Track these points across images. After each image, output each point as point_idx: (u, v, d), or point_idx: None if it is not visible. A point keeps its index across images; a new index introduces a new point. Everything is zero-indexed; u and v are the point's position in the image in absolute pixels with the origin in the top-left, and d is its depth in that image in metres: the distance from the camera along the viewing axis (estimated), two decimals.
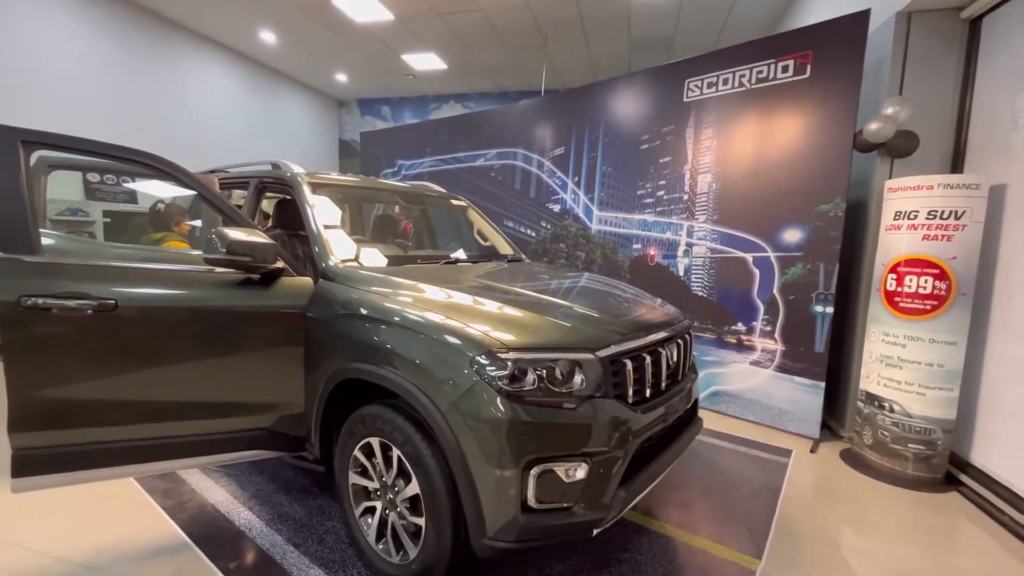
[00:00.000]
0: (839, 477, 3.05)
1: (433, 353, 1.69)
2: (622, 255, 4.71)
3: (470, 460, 1.56)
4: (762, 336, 3.81)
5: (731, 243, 3.95)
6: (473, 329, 1.67)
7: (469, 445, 1.56)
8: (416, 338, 1.75)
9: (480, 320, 1.74)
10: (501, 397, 1.55)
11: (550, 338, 1.70)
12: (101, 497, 2.43)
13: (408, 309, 1.84)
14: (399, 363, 1.76)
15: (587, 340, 1.73)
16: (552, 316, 1.85)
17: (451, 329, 1.69)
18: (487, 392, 1.56)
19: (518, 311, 1.85)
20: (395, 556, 1.85)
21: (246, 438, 2.12)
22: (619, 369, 1.76)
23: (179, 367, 1.96)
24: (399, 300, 1.92)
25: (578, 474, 1.62)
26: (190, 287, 1.98)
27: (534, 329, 1.74)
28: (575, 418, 1.61)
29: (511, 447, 1.53)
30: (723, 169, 3.99)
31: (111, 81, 6.52)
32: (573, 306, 2.02)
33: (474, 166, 6.11)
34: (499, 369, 1.56)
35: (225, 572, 1.95)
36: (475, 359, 1.59)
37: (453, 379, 1.61)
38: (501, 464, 1.53)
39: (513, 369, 1.57)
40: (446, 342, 1.68)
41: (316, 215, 2.42)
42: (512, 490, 1.54)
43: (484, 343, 1.61)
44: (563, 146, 5.18)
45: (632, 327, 1.94)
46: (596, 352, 1.70)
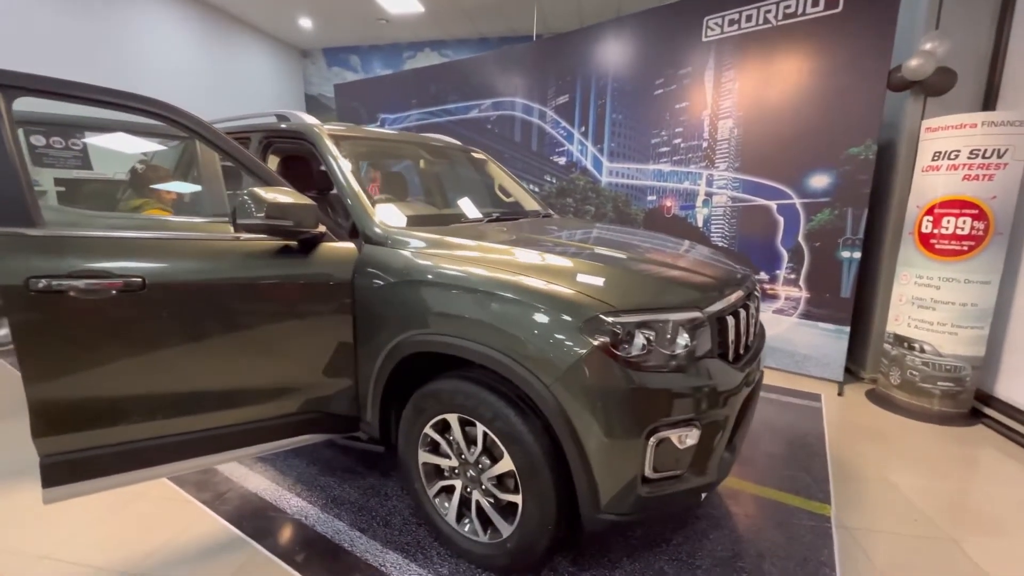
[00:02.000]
0: (870, 417, 3.13)
1: (529, 320, 1.52)
2: (635, 208, 4.56)
3: (582, 433, 1.44)
4: (786, 284, 3.80)
5: (754, 191, 3.86)
6: (572, 291, 1.50)
7: (582, 418, 1.43)
8: (505, 304, 1.57)
9: (575, 281, 1.57)
10: (617, 364, 1.41)
11: (657, 297, 1.55)
12: (127, 497, 2.20)
13: (490, 272, 1.65)
14: (485, 333, 1.58)
15: (694, 298, 1.60)
16: (646, 273, 1.70)
17: (547, 292, 1.52)
18: (599, 359, 1.41)
19: (607, 269, 1.68)
20: (483, 535, 1.74)
21: (296, 422, 1.93)
22: (723, 327, 1.64)
23: (219, 350, 1.72)
24: (472, 263, 1.72)
25: (689, 440, 1.52)
26: (225, 259, 1.71)
27: (637, 287, 1.59)
28: (688, 381, 1.50)
29: (632, 417, 1.41)
30: (746, 114, 3.83)
31: (43, 32, 5.67)
32: (660, 263, 1.87)
33: (467, 118, 5.73)
34: (610, 334, 1.41)
35: (294, 566, 1.80)
36: (583, 324, 1.43)
37: (558, 347, 1.45)
38: (622, 435, 1.41)
39: (623, 333, 1.42)
40: (544, 307, 1.50)
41: (347, 172, 2.14)
42: (633, 462, 1.43)
43: (590, 306, 1.45)
44: (567, 94, 4.88)
45: (726, 283, 1.81)
46: (704, 310, 1.57)
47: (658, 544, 1.92)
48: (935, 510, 2.17)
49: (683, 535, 1.97)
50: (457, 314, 1.65)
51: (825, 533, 2.00)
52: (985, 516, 2.17)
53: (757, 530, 2.01)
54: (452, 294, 1.68)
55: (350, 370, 1.96)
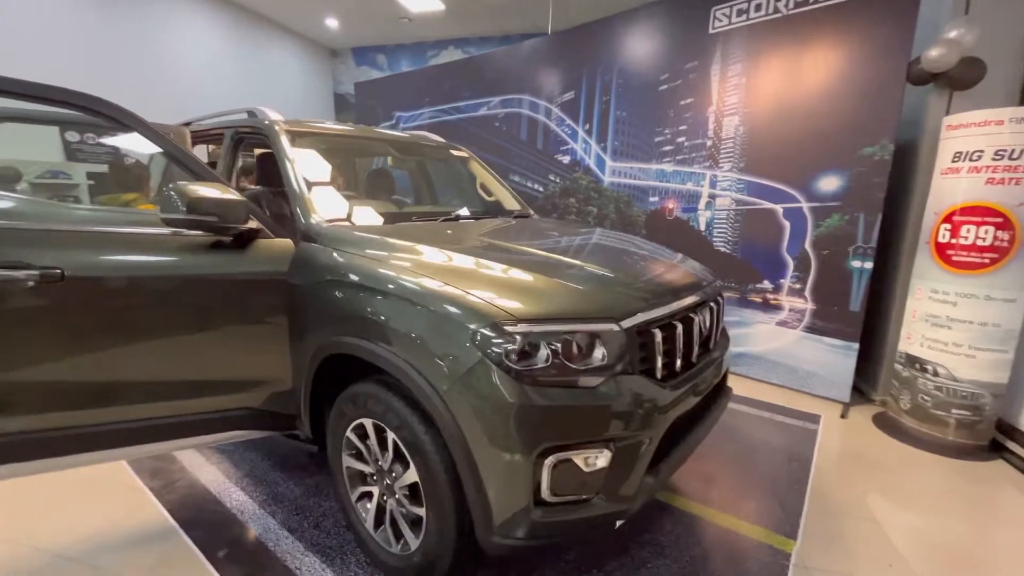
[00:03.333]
0: (873, 444, 2.84)
1: (428, 325, 1.44)
2: (637, 209, 4.37)
3: (474, 449, 1.34)
4: (790, 294, 3.53)
5: (759, 193, 3.60)
6: (475, 296, 1.41)
7: (473, 432, 1.34)
8: (409, 308, 1.50)
9: (483, 285, 1.47)
10: (509, 377, 1.30)
11: (565, 306, 1.43)
12: (84, 479, 2.28)
13: (400, 274, 1.58)
14: (391, 337, 1.52)
15: (609, 307, 1.47)
16: (566, 279, 1.58)
17: (448, 297, 1.44)
18: (492, 371, 1.31)
19: (527, 274, 1.58)
20: (395, 546, 1.68)
21: (230, 418, 1.92)
22: (647, 340, 1.50)
23: (143, 344, 1.72)
24: (390, 264, 1.66)
25: (599, 462, 1.40)
26: (152, 252, 1.72)
27: (547, 295, 1.48)
28: (596, 399, 1.37)
29: (522, 435, 1.30)
30: (753, 110, 3.58)
31: (78, 34, 6.04)
32: (589, 267, 1.74)
33: (476, 116, 5.68)
34: (506, 344, 1.31)
35: (213, 561, 1.80)
36: (478, 332, 1.34)
37: (452, 356, 1.37)
38: (510, 455, 1.31)
39: (523, 343, 1.32)
40: (443, 312, 1.42)
41: (296, 168, 2.13)
42: (523, 483, 1.32)
43: (488, 313, 1.36)
44: (573, 90, 4.73)
45: (661, 291, 1.66)
46: (620, 321, 1.44)
47: (590, 570, 1.79)
48: (919, 556, 1.93)
49: (620, 561, 1.83)
50: (364, 316, 1.59)
51: (779, 572, 1.81)
52: (983, 568, 1.90)
53: (703, 561, 1.85)
54: (362, 295, 1.63)
55: (286, 368, 1.94)
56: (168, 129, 2.62)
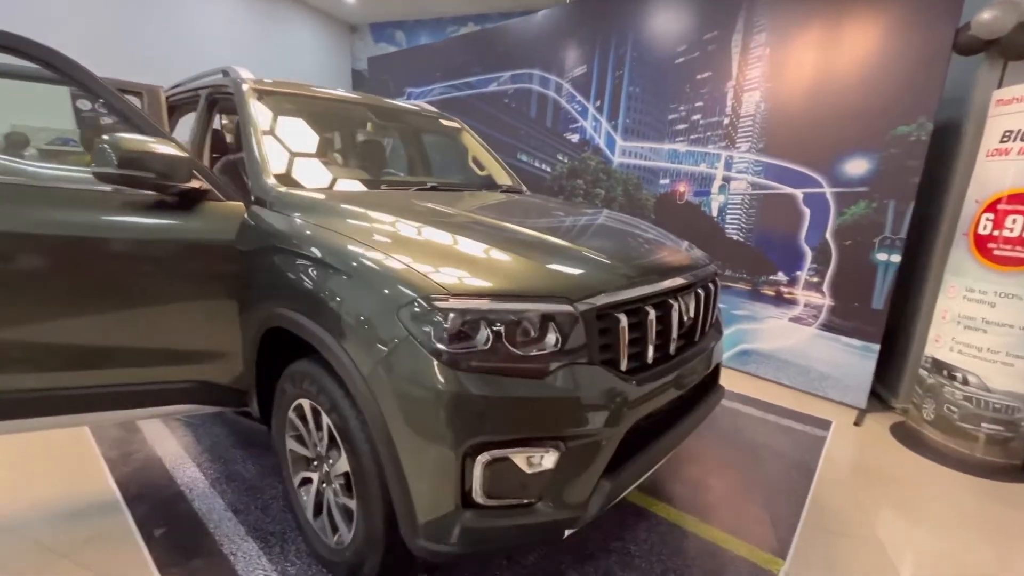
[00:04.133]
0: (888, 456, 2.57)
1: (355, 297, 1.28)
2: (647, 192, 4.10)
3: (396, 440, 1.18)
4: (807, 288, 3.23)
5: (778, 176, 3.30)
6: (408, 267, 1.23)
7: (395, 421, 1.18)
8: (337, 277, 1.34)
9: (426, 257, 1.30)
10: (437, 360, 1.13)
11: (513, 282, 1.24)
12: (43, 446, 2.22)
13: (337, 241, 1.42)
14: (319, 309, 1.36)
15: (564, 285, 1.27)
16: (521, 252, 1.38)
17: (380, 266, 1.27)
18: (419, 352, 1.14)
19: (480, 246, 1.39)
20: (331, 537, 1.54)
21: (177, 390, 1.81)
22: (610, 326, 1.30)
23: (80, 306, 1.62)
24: (332, 230, 1.49)
25: (545, 463, 1.22)
26: (89, 209, 1.60)
27: (494, 269, 1.29)
28: (542, 391, 1.19)
29: (448, 428, 1.13)
30: (776, 85, 3.26)
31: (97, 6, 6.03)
32: (554, 240, 1.54)
33: (486, 92, 5.45)
34: (437, 322, 1.13)
35: (147, 539, 1.70)
36: (404, 307, 1.17)
37: (378, 333, 1.20)
38: (434, 448, 1.14)
39: (457, 322, 1.14)
40: (371, 283, 1.26)
41: (256, 127, 1.98)
42: (449, 482, 1.15)
43: (418, 286, 1.18)
44: (585, 64, 4.46)
45: (632, 270, 1.45)
46: (576, 302, 1.24)
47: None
48: None
49: (583, 570, 1.66)
50: (297, 286, 1.44)
51: None
52: None
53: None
54: (297, 263, 1.48)
55: (235, 341, 1.81)
56: (141, 87, 2.51)
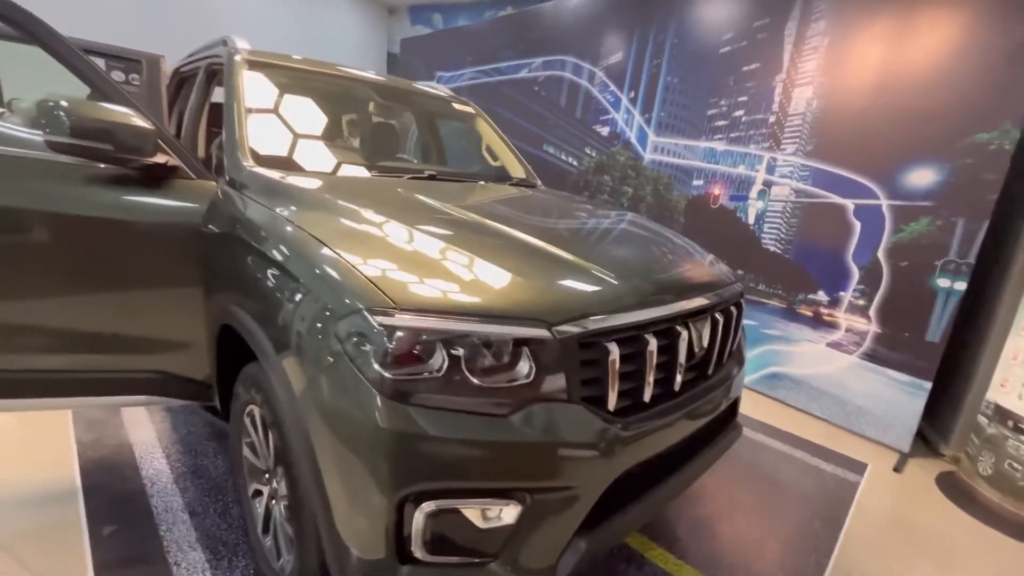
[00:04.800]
0: (931, 512, 2.24)
1: (300, 303, 1.10)
2: (678, 193, 3.78)
3: (324, 475, 1.00)
4: (850, 311, 2.88)
5: (827, 183, 2.94)
6: (355, 271, 1.03)
7: (323, 453, 0.99)
8: (286, 277, 1.16)
9: (384, 261, 1.10)
10: (375, 389, 0.93)
11: (479, 297, 1.03)
12: (19, 425, 2.16)
13: (291, 233, 1.24)
14: (265, 312, 1.19)
15: (542, 304, 1.05)
16: (502, 261, 1.16)
17: (326, 268, 1.07)
18: (355, 377, 0.95)
19: (457, 251, 1.18)
20: (276, 561, 1.38)
21: (140, 380, 1.69)
22: (597, 357, 1.07)
23: (34, 286, 1.50)
24: (290, 220, 1.31)
25: (504, 517, 1.01)
26: (44, 180, 1.47)
27: (461, 281, 1.07)
28: (505, 433, 0.98)
29: (382, 472, 0.93)
30: (832, 80, 2.89)
31: None
32: (550, 248, 1.31)
33: (516, 79, 5.20)
34: (379, 341, 0.93)
35: (94, 537, 1.59)
36: (343, 320, 0.97)
37: (315, 348, 1.02)
38: (364, 493, 0.95)
39: (403, 344, 0.93)
40: (314, 287, 1.07)
41: (240, 99, 1.82)
42: (381, 532, 0.96)
43: (360, 295, 0.98)
44: (621, 52, 4.15)
45: (636, 289, 1.21)
46: (554, 326, 1.02)
47: None
48: None
49: None
50: (247, 281, 1.28)
51: None
52: None
53: None
54: (250, 256, 1.31)
55: (200, 332, 1.67)
56: (141, 55, 2.40)
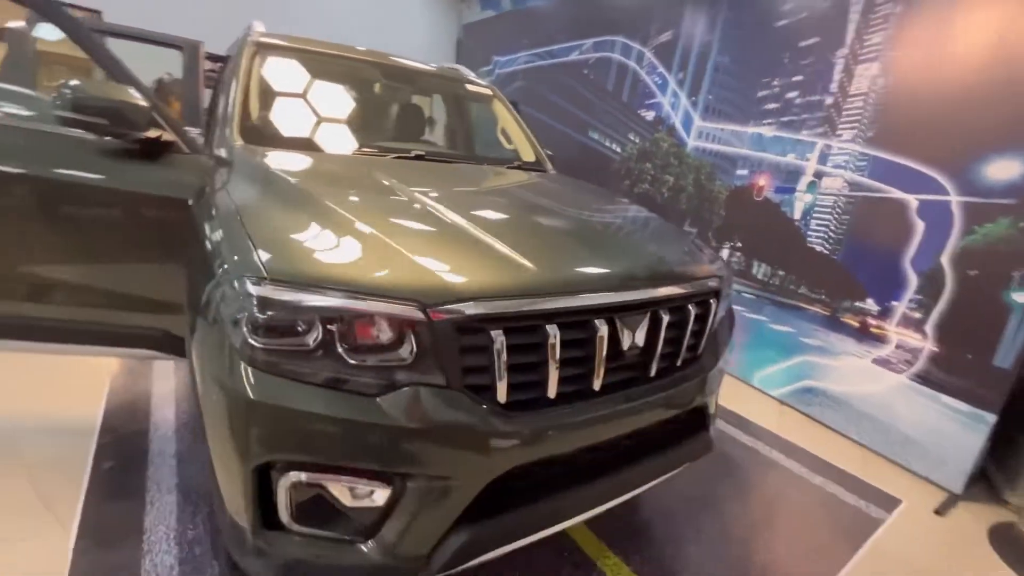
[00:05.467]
0: (971, 568, 1.89)
1: (205, 268, 1.15)
2: (720, 183, 3.47)
3: (208, 434, 1.04)
4: (903, 324, 2.49)
5: (887, 176, 2.54)
6: (249, 242, 1.05)
7: (206, 414, 1.04)
8: (205, 242, 1.22)
9: (284, 235, 1.11)
10: (242, 357, 0.95)
11: (358, 273, 1.00)
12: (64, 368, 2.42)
13: (223, 204, 1.29)
14: (191, 276, 1.27)
15: (420, 284, 1.00)
16: (407, 241, 1.12)
17: (231, 236, 1.11)
18: (227, 344, 0.98)
19: (368, 230, 1.14)
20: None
21: (144, 336, 1.88)
22: (485, 344, 1.01)
23: (50, 243, 1.71)
24: (231, 193, 1.37)
25: (375, 499, 1.00)
26: (58, 152, 1.66)
27: (350, 257, 1.05)
28: (373, 414, 0.95)
29: (241, 437, 0.95)
30: (903, 55, 2.48)
31: None
32: (471, 230, 1.24)
33: (567, 61, 5.03)
34: (250, 310, 0.95)
35: (95, 470, 1.81)
36: (223, 287, 1.01)
37: (206, 314, 1.07)
38: (229, 457, 0.98)
39: (271, 313, 0.94)
40: (217, 253, 1.12)
41: (240, 78, 1.93)
42: (244, 497, 0.98)
43: (240, 264, 1.01)
44: (671, 30, 3.85)
45: (544, 277, 1.11)
46: (430, 307, 0.97)
47: None
48: None
49: None
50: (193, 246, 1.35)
51: None
52: None
53: None
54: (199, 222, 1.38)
55: None
56: (181, 41, 2.61)
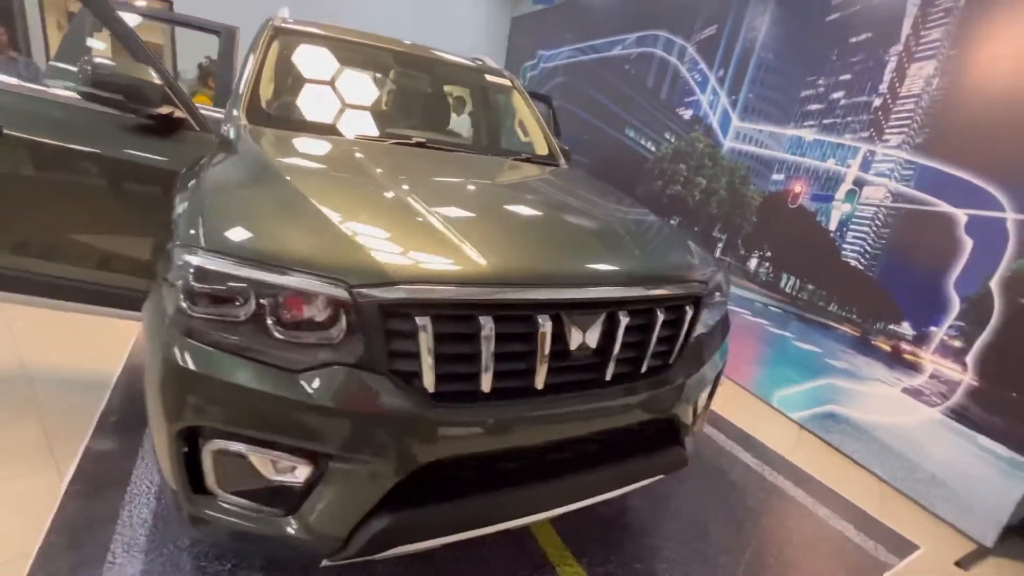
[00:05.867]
0: None
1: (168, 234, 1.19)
2: (754, 188, 3.26)
3: (146, 394, 1.09)
4: (941, 353, 2.24)
5: (935, 187, 2.29)
6: (201, 215, 1.08)
7: (145, 375, 1.08)
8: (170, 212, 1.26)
9: (240, 210, 1.13)
10: (173, 321, 0.98)
11: (289, 248, 1.00)
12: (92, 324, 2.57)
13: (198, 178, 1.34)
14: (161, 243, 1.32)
15: (347, 263, 0.98)
16: (355, 223, 1.10)
17: (189, 208, 1.15)
18: (163, 309, 1.02)
19: (323, 211, 1.13)
20: None
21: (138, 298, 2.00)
22: (411, 330, 0.98)
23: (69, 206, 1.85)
24: (209, 167, 1.42)
25: (297, 475, 1.00)
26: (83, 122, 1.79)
27: (289, 234, 1.05)
28: (292, 390, 0.96)
29: (167, 400, 0.98)
30: (964, 53, 2.22)
31: None
32: (428, 217, 1.20)
33: (609, 56, 4.90)
34: (184, 277, 0.97)
35: (100, 423, 1.94)
36: (167, 256, 1.04)
37: (156, 276, 1.12)
38: (156, 417, 1.02)
39: (199, 282, 0.96)
40: (176, 223, 1.15)
41: (256, 61, 2.00)
42: (168, 459, 1.01)
43: (182, 234, 1.06)
44: (716, 24, 3.66)
45: (486, 267, 1.07)
46: (355, 288, 0.95)
47: None
48: None
49: None
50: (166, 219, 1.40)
51: None
52: None
53: None
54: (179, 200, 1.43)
55: None
56: (218, 27, 2.75)
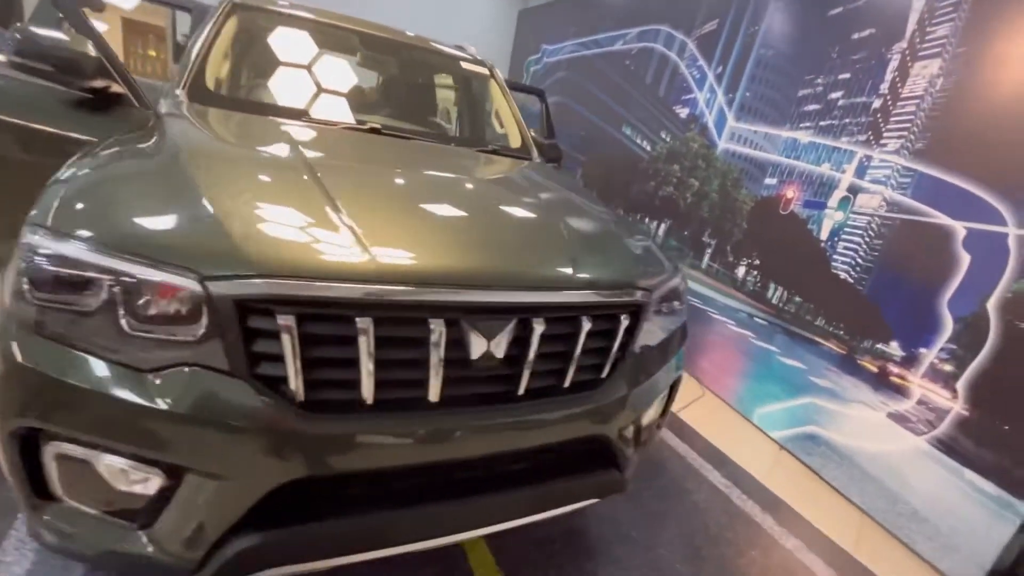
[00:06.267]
0: None
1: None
2: (746, 192, 3.08)
3: None
4: (931, 377, 2.06)
5: (932, 196, 2.11)
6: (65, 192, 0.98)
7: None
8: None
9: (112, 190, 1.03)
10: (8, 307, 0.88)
11: (135, 233, 0.89)
12: None
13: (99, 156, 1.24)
14: None
15: (201, 253, 0.87)
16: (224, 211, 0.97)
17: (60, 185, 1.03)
18: (10, 291, 0.90)
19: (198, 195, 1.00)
20: None
21: None
22: (275, 329, 0.87)
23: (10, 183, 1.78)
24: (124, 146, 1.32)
25: (148, 487, 0.90)
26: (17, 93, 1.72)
27: (145, 219, 0.93)
28: (135, 390, 0.85)
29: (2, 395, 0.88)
30: (971, 51, 2.03)
31: None
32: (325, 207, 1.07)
33: (611, 51, 4.74)
34: (25, 259, 0.87)
35: None
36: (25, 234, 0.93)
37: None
38: None
39: (36, 266, 0.85)
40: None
41: (205, 39, 1.90)
42: (6, 462, 0.91)
43: (36, 212, 0.93)
44: (717, 18, 3.48)
45: (372, 262, 0.94)
46: (207, 279, 0.84)
47: None
48: None
49: None
50: None
51: None
52: None
53: None
54: None
55: None
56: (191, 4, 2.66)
